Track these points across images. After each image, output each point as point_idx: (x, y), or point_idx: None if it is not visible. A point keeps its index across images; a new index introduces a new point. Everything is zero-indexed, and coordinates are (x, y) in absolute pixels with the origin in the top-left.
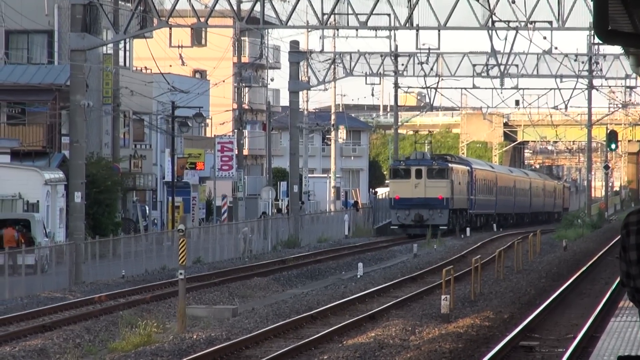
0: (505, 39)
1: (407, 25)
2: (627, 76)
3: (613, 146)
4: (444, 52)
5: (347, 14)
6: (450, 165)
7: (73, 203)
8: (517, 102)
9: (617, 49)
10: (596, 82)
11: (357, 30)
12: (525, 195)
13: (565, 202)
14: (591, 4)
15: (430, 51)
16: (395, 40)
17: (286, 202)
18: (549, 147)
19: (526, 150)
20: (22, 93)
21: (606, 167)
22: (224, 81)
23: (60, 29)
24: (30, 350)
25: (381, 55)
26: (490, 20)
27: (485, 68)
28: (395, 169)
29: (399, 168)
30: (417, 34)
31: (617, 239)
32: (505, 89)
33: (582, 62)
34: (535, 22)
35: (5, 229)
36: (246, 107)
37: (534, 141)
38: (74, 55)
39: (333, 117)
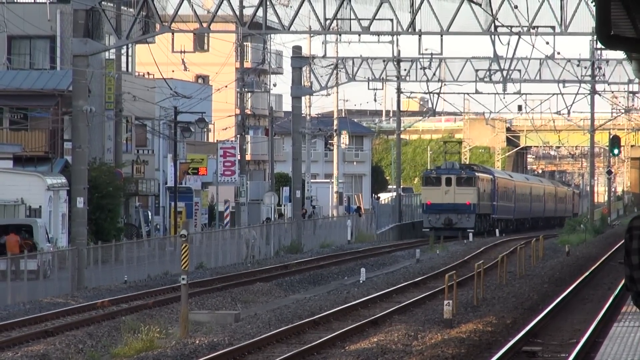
0: (508, 44)
1: (409, 30)
2: (630, 81)
3: (616, 151)
4: (446, 57)
5: (350, 19)
6: (477, 174)
7: (75, 208)
8: (519, 107)
9: (620, 54)
10: (599, 87)
11: (359, 35)
12: (540, 201)
13: (575, 207)
14: (594, 9)
15: (433, 56)
16: (397, 45)
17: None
18: (552, 153)
19: (529, 156)
20: (25, 98)
21: (609, 172)
22: (226, 86)
23: (62, 34)
24: (32, 356)
25: (384, 61)
26: (492, 25)
27: (487, 73)
28: (428, 177)
29: (430, 176)
30: (419, 39)
31: (619, 244)
32: (507, 94)
33: (585, 67)
34: (537, 27)
35: (7, 236)
36: (249, 112)
37: (537, 146)
38: (77, 61)
39: (335, 122)
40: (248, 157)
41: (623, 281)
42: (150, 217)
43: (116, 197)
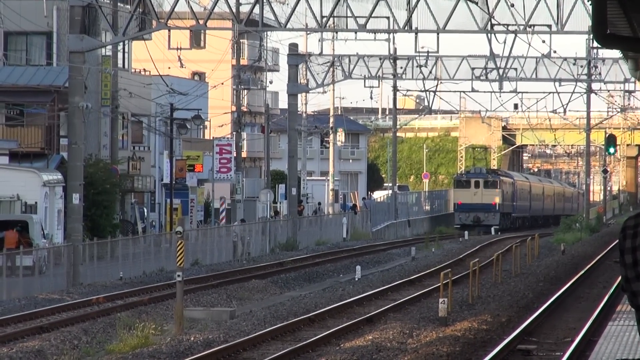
0: (504, 42)
1: (406, 28)
2: (626, 80)
3: (612, 150)
4: (442, 55)
5: (346, 17)
6: (501, 177)
7: (71, 204)
8: (515, 106)
9: (616, 53)
10: (595, 86)
11: (356, 33)
12: (551, 201)
13: (579, 206)
14: (590, 7)
15: (429, 54)
16: (394, 43)
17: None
18: (548, 151)
19: (525, 154)
20: (21, 94)
21: (605, 171)
22: (222, 83)
23: (59, 30)
24: (27, 352)
25: (380, 58)
26: (489, 23)
27: (484, 71)
28: (459, 180)
29: (461, 180)
30: (416, 37)
31: (614, 243)
32: (504, 92)
33: (581, 66)
34: (534, 25)
35: (7, 232)
36: (245, 109)
37: (533, 145)
38: (73, 57)
39: (332, 119)
40: (244, 154)
41: (619, 280)
42: (145, 213)
43: (112, 193)
